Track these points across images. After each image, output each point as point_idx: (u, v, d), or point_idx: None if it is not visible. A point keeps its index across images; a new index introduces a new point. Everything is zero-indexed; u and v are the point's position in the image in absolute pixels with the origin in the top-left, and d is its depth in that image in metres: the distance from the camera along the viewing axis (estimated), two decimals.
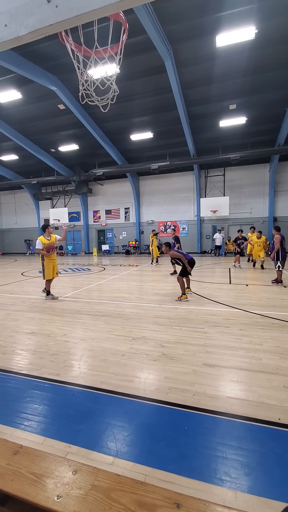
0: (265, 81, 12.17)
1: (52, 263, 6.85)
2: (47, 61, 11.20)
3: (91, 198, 24.16)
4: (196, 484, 1.69)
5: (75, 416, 2.38)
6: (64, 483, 0.97)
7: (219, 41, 9.71)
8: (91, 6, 1.49)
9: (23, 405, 2.55)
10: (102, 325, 4.72)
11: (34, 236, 26.22)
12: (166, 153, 18.31)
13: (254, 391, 2.65)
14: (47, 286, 6.89)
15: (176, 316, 5.18)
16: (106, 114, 8.74)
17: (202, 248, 20.99)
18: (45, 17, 1.56)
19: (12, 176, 23.22)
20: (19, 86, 12.60)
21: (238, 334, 4.19)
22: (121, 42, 4.40)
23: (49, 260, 6.81)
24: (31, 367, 3.27)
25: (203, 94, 13.17)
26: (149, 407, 2.48)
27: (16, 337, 4.29)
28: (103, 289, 7.92)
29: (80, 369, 3.18)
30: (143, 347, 3.74)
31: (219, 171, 19.58)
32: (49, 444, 2.04)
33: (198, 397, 2.57)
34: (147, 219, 22.53)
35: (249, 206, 19.78)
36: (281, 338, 3.97)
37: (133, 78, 12.08)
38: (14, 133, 16.70)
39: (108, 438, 2.10)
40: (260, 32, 9.49)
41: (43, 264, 6.78)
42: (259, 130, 15.86)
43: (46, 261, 6.75)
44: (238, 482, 1.71)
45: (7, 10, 1.61)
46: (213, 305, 5.90)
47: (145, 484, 0.95)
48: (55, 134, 17.24)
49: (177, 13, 9.07)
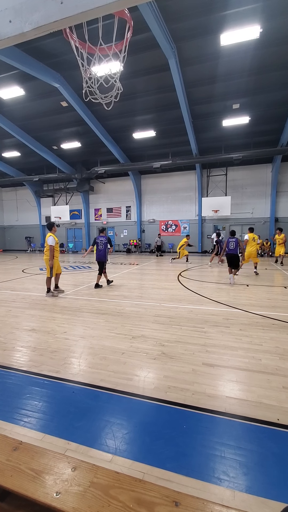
0: (269, 81, 12.11)
1: (57, 260, 6.94)
2: (51, 57, 11.17)
3: (92, 196, 24.15)
4: (195, 483, 1.70)
5: (75, 413, 2.38)
6: (63, 480, 0.98)
7: (224, 39, 9.66)
8: (96, 2, 1.48)
9: (23, 402, 2.56)
10: (102, 323, 4.73)
11: (36, 234, 26.29)
12: (168, 152, 18.28)
13: (253, 391, 2.66)
14: (49, 283, 6.90)
15: (176, 315, 5.19)
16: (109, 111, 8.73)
17: (203, 248, 20.98)
18: (50, 13, 1.55)
19: (14, 173, 23.22)
20: (22, 82, 12.58)
21: (238, 334, 4.19)
22: (125, 39, 4.38)
23: (56, 257, 6.88)
24: (31, 364, 3.28)
25: (207, 93, 13.12)
26: (148, 405, 2.48)
27: (17, 333, 4.30)
28: (103, 287, 7.92)
29: (80, 367, 3.19)
30: (143, 346, 3.74)
31: (221, 170, 19.53)
32: (49, 441, 2.05)
33: (197, 396, 2.57)
34: (149, 218, 22.52)
35: (251, 206, 19.74)
36: (281, 339, 3.96)
37: (137, 76, 12.04)
38: (16, 129, 16.69)
39: (107, 435, 2.10)
40: (265, 31, 9.43)
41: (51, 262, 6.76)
42: (262, 130, 15.81)
43: (54, 258, 6.79)
44: (236, 481, 1.71)
45: (11, 6, 1.60)
46: (213, 305, 5.90)
47: (143, 482, 0.96)
48: (57, 131, 17.21)
49: (182, 10, 9.02)
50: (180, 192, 21.35)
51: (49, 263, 6.65)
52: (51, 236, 6.72)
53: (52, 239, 6.68)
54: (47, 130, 17.05)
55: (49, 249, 6.62)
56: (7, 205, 27.60)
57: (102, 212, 24.06)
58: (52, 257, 6.67)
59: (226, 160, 17.14)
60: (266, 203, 19.29)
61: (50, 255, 6.62)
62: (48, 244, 6.65)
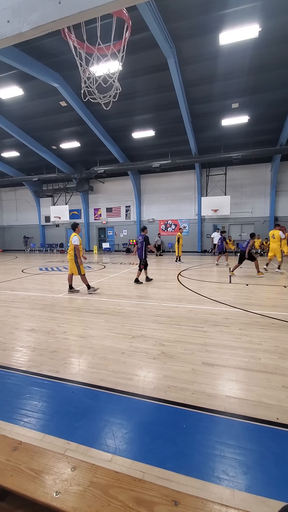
0: (268, 80, 12.10)
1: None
2: (49, 57, 11.15)
3: (92, 196, 24.14)
4: (194, 482, 1.70)
5: (74, 413, 2.39)
6: (63, 480, 0.98)
7: (223, 39, 9.65)
8: (94, 2, 1.48)
9: (23, 402, 2.56)
10: (102, 323, 4.73)
11: (35, 234, 26.27)
12: (167, 152, 18.27)
13: (253, 391, 2.66)
14: (86, 280, 7.11)
15: (175, 314, 5.19)
16: (108, 111, 8.72)
17: (203, 247, 20.98)
18: (48, 13, 1.55)
19: (13, 172, 23.20)
20: (20, 82, 12.56)
21: (238, 333, 4.19)
22: (124, 39, 4.38)
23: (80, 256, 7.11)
24: (31, 364, 3.28)
25: (206, 93, 13.11)
26: (148, 405, 2.49)
27: (16, 334, 4.30)
28: (103, 287, 7.92)
29: (80, 367, 3.19)
30: (143, 345, 3.75)
31: (220, 170, 19.53)
32: (48, 441, 2.06)
33: (197, 396, 2.58)
34: (148, 218, 22.51)
35: (250, 206, 19.74)
36: (281, 338, 3.97)
37: (136, 76, 12.03)
38: (15, 129, 16.67)
39: (107, 435, 2.11)
40: (264, 30, 9.43)
41: (77, 261, 6.94)
42: (261, 130, 15.80)
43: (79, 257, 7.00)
44: (236, 480, 1.71)
45: (9, 6, 1.60)
46: (213, 304, 5.91)
47: (143, 482, 0.96)
48: (56, 131, 17.20)
49: (181, 10, 9.01)
50: (179, 192, 21.34)
51: (78, 261, 6.92)
52: (76, 236, 6.98)
53: (76, 239, 6.94)
54: (46, 130, 17.04)
55: (73, 249, 6.90)
56: (7, 205, 27.58)
57: (102, 212, 24.05)
58: (79, 255, 6.92)
59: (225, 159, 17.14)
60: (266, 202, 19.29)
61: (77, 254, 6.90)
62: (73, 243, 6.93)
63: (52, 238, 26.09)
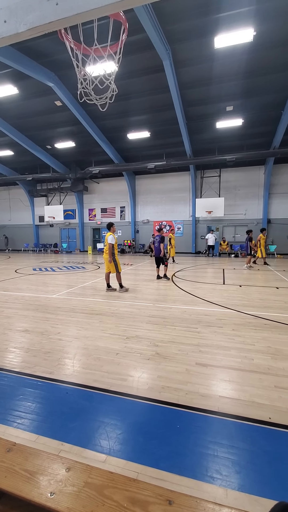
0: (262, 84, 12.26)
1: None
2: (45, 56, 11.10)
3: (86, 196, 24.05)
4: (188, 482, 1.71)
5: (68, 414, 2.38)
6: (57, 480, 0.98)
7: (218, 42, 9.73)
8: (91, 5, 1.49)
9: (16, 403, 2.55)
10: (96, 324, 4.72)
11: (29, 233, 26.03)
12: (162, 153, 18.33)
13: (246, 391, 2.69)
14: (120, 279, 7.31)
15: (170, 315, 5.21)
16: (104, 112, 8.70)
17: (197, 249, 21.09)
18: (45, 14, 1.56)
19: (7, 172, 22.97)
20: (15, 81, 12.46)
21: (231, 334, 4.23)
22: (120, 41, 4.39)
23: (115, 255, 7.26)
24: (24, 365, 3.26)
25: (201, 95, 13.21)
26: (142, 405, 2.49)
27: (9, 334, 4.26)
28: (97, 288, 7.90)
29: (74, 368, 3.18)
30: (137, 346, 3.75)
31: (215, 172, 19.67)
32: (42, 442, 2.05)
33: (191, 396, 2.59)
34: (143, 218, 22.53)
35: (244, 208, 19.93)
36: (273, 339, 4.02)
37: (131, 77, 12.05)
38: (9, 128, 16.52)
39: (101, 436, 2.11)
40: (259, 35, 9.55)
41: (115, 259, 7.13)
42: (255, 133, 15.98)
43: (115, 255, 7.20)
44: (229, 480, 1.73)
45: (6, 6, 1.60)
46: (206, 305, 5.94)
47: (137, 482, 0.96)
48: (51, 130, 17.10)
49: (176, 12, 9.07)
50: (174, 193, 21.42)
51: (113, 259, 7.09)
52: (111, 235, 7.13)
53: (112, 238, 7.11)
54: (41, 129, 16.93)
55: (109, 247, 7.07)
56: (0, 205, 27.27)
57: (96, 212, 23.98)
58: (112, 254, 7.09)
59: (219, 161, 17.27)
60: (259, 204, 19.50)
61: (109, 253, 7.07)
62: (108, 242, 7.08)
63: (46, 238, 25.90)
